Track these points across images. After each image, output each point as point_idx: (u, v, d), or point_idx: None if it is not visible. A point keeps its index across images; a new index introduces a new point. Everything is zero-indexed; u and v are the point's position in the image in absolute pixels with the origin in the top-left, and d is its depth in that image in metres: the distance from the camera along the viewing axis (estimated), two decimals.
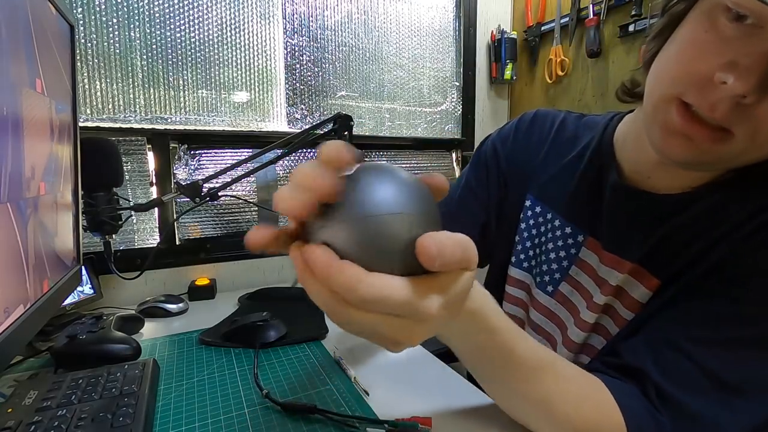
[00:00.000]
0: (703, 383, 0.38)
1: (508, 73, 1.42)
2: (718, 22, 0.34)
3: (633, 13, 1.07)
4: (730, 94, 0.32)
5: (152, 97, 1.00)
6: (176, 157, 1.04)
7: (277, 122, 1.15)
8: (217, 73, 1.06)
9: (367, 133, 1.28)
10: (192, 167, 1.06)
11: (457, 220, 0.63)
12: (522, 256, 0.60)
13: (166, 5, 0.99)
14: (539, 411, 0.38)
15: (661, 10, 0.41)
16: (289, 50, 1.15)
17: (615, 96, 0.52)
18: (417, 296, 0.22)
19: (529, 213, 0.60)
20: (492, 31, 1.45)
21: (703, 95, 0.34)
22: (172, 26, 1.00)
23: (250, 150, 1.10)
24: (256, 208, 1.14)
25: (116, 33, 0.94)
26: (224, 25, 1.05)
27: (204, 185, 0.82)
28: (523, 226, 0.60)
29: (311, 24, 1.17)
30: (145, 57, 0.98)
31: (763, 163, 0.39)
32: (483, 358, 0.36)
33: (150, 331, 0.78)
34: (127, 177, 0.95)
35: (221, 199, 0.87)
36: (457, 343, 0.35)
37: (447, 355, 0.59)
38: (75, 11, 0.90)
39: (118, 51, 0.95)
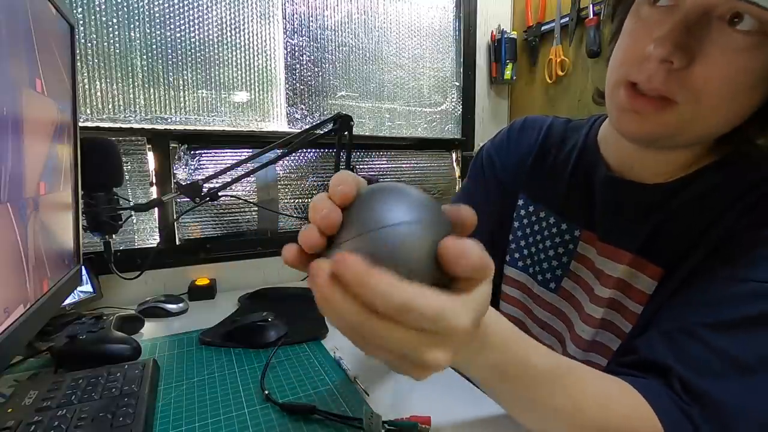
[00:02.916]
0: (723, 369, 0.38)
1: (508, 73, 1.42)
2: (643, 13, 0.39)
3: None
4: (656, 61, 0.37)
5: (152, 97, 1.00)
6: (176, 157, 1.04)
7: (277, 122, 1.15)
8: (217, 73, 1.06)
9: (367, 133, 1.28)
10: (192, 167, 1.06)
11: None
12: (516, 255, 0.61)
13: (166, 5, 0.99)
14: (567, 418, 0.37)
15: (611, 19, 0.47)
16: (289, 50, 1.15)
17: (591, 99, 0.55)
18: (450, 306, 0.22)
19: (522, 212, 0.61)
20: (492, 31, 1.45)
21: (640, 70, 0.39)
22: (172, 26, 1.00)
23: (250, 150, 1.09)
24: (256, 208, 1.14)
25: (116, 33, 0.94)
26: (224, 25, 1.05)
27: (204, 185, 0.82)
28: (516, 225, 0.61)
29: (311, 24, 1.17)
30: (145, 57, 0.98)
31: (742, 144, 0.42)
32: (499, 376, 0.34)
33: (150, 331, 0.78)
34: (127, 177, 0.95)
35: (221, 199, 0.87)
36: (471, 366, 0.34)
37: None
38: (75, 11, 0.90)
39: (118, 51, 0.95)
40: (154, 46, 0.98)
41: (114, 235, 0.77)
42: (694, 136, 0.41)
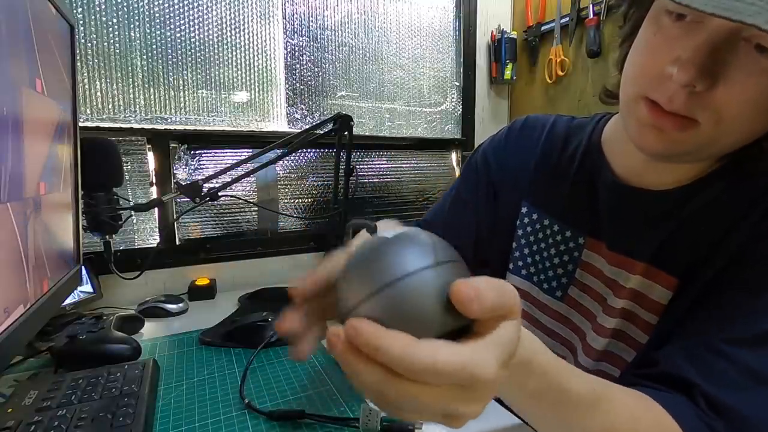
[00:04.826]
0: (746, 384, 0.37)
1: (508, 73, 1.42)
2: (663, 23, 0.37)
3: None
4: (678, 85, 0.35)
5: (152, 97, 1.00)
6: (176, 157, 1.04)
7: (277, 122, 1.15)
8: (217, 73, 1.06)
9: (367, 133, 1.28)
10: (192, 167, 1.06)
11: (449, 231, 0.63)
12: (520, 263, 0.60)
13: (166, 5, 0.99)
14: None
15: (623, 18, 0.45)
16: (289, 50, 1.14)
17: (598, 98, 0.54)
18: (472, 358, 0.21)
19: (526, 220, 0.59)
20: (492, 31, 1.44)
21: (660, 90, 0.37)
22: (172, 26, 1.00)
23: (250, 150, 1.09)
24: (256, 208, 1.14)
25: (116, 33, 0.94)
26: (224, 25, 1.05)
27: (204, 185, 0.82)
28: (520, 233, 0.60)
29: (311, 24, 1.17)
30: (145, 57, 0.98)
31: (747, 150, 0.40)
32: (537, 401, 0.34)
33: (150, 331, 0.78)
34: (127, 177, 0.95)
35: (221, 199, 0.87)
36: (508, 392, 0.33)
37: None
38: (75, 11, 0.90)
39: (118, 51, 0.95)
40: (154, 46, 0.98)
41: (114, 235, 0.77)
42: (713, 153, 0.41)
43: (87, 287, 0.86)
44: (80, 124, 0.66)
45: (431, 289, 0.21)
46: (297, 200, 1.21)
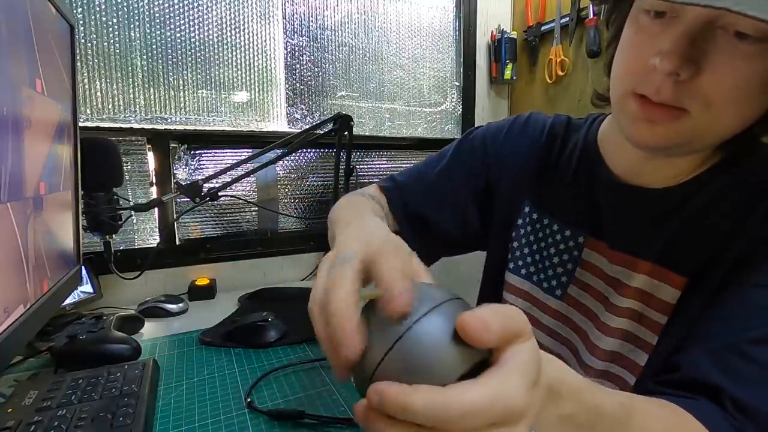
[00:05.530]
0: None
1: (508, 73, 1.42)
2: (643, 22, 0.39)
3: None
4: (662, 74, 0.36)
5: (152, 97, 1.00)
6: (176, 157, 1.04)
7: (277, 122, 1.15)
8: (217, 73, 1.06)
9: (367, 133, 1.28)
10: (192, 167, 1.06)
11: (430, 199, 0.63)
12: (520, 263, 0.60)
13: (166, 5, 0.99)
14: None
15: (606, 24, 0.48)
16: (289, 50, 1.14)
17: (590, 102, 0.54)
18: (499, 391, 0.20)
19: (527, 219, 0.60)
20: (492, 31, 1.44)
21: (646, 83, 0.38)
22: (172, 26, 1.00)
23: (250, 150, 1.09)
24: (256, 208, 1.14)
25: (116, 33, 0.94)
26: (224, 25, 1.05)
27: (204, 185, 0.82)
28: (521, 232, 0.60)
29: (311, 24, 1.17)
30: (145, 57, 0.98)
31: (743, 143, 0.41)
32: (572, 426, 0.32)
33: (150, 331, 0.78)
34: (127, 177, 0.95)
35: (221, 199, 0.87)
36: (541, 421, 0.31)
37: None
38: (75, 11, 0.90)
39: (118, 51, 0.95)
40: (154, 46, 0.98)
41: (114, 235, 0.77)
42: (708, 142, 0.41)
43: (87, 287, 0.86)
44: (80, 124, 0.66)
45: (439, 330, 0.21)
46: (297, 200, 1.21)
